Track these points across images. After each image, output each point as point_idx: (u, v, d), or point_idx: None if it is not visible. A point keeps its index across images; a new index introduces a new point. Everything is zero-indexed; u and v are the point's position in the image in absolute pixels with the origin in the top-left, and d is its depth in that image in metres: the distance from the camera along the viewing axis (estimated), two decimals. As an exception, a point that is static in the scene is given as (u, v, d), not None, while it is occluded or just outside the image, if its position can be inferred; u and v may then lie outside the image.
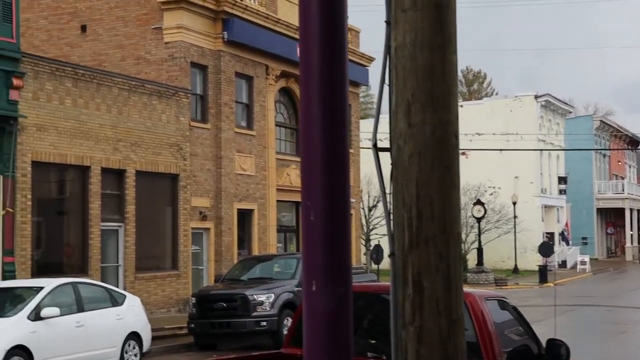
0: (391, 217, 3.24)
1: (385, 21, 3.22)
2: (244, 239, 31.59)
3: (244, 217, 31.40)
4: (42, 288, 16.22)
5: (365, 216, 49.02)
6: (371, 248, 51.07)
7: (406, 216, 3.18)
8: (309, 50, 2.41)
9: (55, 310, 15.78)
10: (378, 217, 53.31)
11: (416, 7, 3.17)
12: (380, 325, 7.17)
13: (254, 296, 21.44)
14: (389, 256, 3.21)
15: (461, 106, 61.01)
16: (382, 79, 3.21)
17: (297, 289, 22.47)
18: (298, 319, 7.96)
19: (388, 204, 3.27)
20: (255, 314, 21.30)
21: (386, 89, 3.32)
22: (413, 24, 3.18)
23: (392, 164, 3.26)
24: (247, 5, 30.41)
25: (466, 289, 6.69)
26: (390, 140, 3.27)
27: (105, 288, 18.36)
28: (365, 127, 49.77)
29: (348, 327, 2.52)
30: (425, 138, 3.16)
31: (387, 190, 3.29)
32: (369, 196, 51.02)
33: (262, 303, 21.42)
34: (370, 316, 7.57)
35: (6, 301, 16.43)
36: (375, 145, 3.31)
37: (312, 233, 2.41)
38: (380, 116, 3.65)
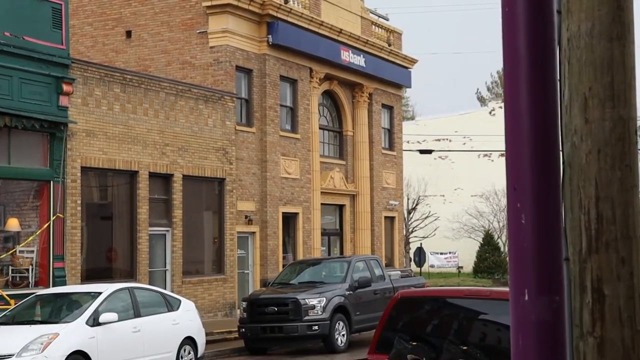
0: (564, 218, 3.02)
1: (556, 10, 3.01)
2: (288, 243, 31.47)
3: (289, 220, 31.28)
4: (99, 293, 16.16)
5: (405, 219, 48.74)
6: (410, 250, 50.89)
7: (584, 219, 2.98)
8: (515, 39, 2.22)
9: (114, 316, 15.72)
10: (417, 220, 53.09)
11: (593, -6, 2.97)
12: (477, 332, 6.95)
13: (306, 300, 21.28)
14: (563, 261, 3.00)
15: (500, 107, 60.44)
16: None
17: (347, 292, 22.29)
18: (383, 326, 7.76)
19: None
20: (307, 318, 21.13)
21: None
22: (590, 12, 2.97)
23: (564, 163, 3.05)
24: (291, 9, 30.29)
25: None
26: (562, 138, 3.06)
27: (161, 293, 18.29)
28: (407, 130, 49.47)
29: (564, 340, 2.32)
30: (605, 135, 2.96)
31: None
32: (408, 199, 50.75)
33: (313, 307, 21.26)
34: (465, 322, 7.33)
35: (63, 306, 16.41)
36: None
37: (522, 238, 2.22)
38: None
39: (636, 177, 3.00)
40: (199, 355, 18.26)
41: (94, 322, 15.49)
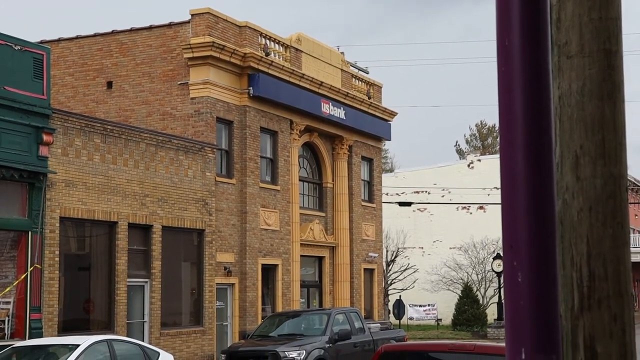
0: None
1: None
2: (267, 295, 31.28)
3: (268, 272, 31.14)
4: (77, 346, 15.95)
5: (384, 271, 48.63)
6: (389, 303, 50.70)
7: (576, 276, 2.98)
8: (511, 96, 2.22)
9: (91, 369, 15.52)
10: (396, 272, 53.00)
11: (583, 53, 3.01)
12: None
13: (285, 352, 21.12)
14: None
15: (478, 160, 60.82)
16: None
17: (327, 345, 22.15)
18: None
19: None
20: (286, 371, 20.96)
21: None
22: (580, 71, 3.01)
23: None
24: (272, 61, 30.49)
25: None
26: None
27: (139, 345, 18.08)
28: (386, 182, 49.60)
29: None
30: (597, 193, 2.97)
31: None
32: (387, 250, 50.69)
33: (293, 359, 21.09)
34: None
35: (40, 359, 16.16)
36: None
37: (519, 296, 2.22)
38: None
39: (627, 234, 3.01)
40: (176, 409, 18.03)
41: (71, 375, 15.28)
